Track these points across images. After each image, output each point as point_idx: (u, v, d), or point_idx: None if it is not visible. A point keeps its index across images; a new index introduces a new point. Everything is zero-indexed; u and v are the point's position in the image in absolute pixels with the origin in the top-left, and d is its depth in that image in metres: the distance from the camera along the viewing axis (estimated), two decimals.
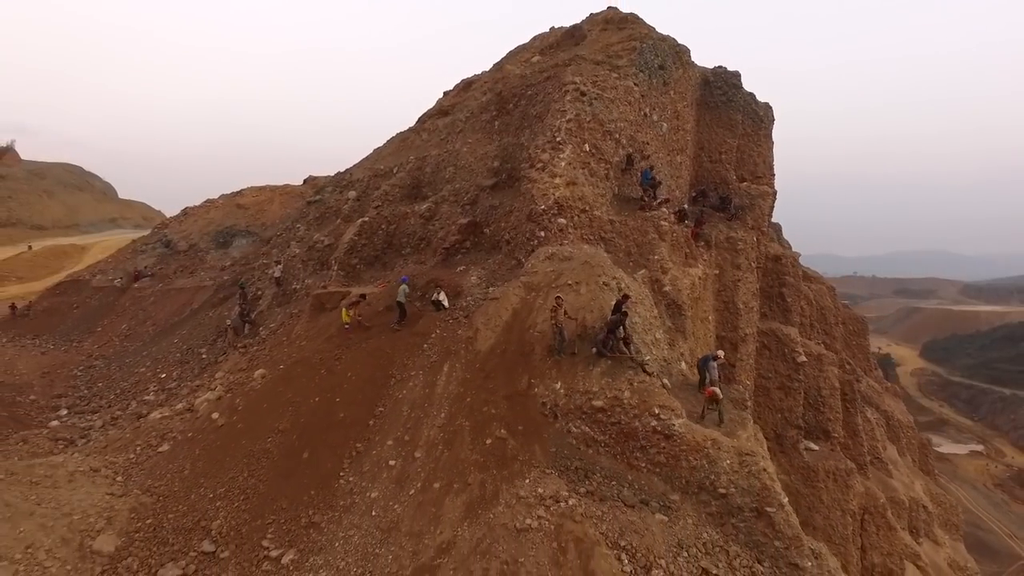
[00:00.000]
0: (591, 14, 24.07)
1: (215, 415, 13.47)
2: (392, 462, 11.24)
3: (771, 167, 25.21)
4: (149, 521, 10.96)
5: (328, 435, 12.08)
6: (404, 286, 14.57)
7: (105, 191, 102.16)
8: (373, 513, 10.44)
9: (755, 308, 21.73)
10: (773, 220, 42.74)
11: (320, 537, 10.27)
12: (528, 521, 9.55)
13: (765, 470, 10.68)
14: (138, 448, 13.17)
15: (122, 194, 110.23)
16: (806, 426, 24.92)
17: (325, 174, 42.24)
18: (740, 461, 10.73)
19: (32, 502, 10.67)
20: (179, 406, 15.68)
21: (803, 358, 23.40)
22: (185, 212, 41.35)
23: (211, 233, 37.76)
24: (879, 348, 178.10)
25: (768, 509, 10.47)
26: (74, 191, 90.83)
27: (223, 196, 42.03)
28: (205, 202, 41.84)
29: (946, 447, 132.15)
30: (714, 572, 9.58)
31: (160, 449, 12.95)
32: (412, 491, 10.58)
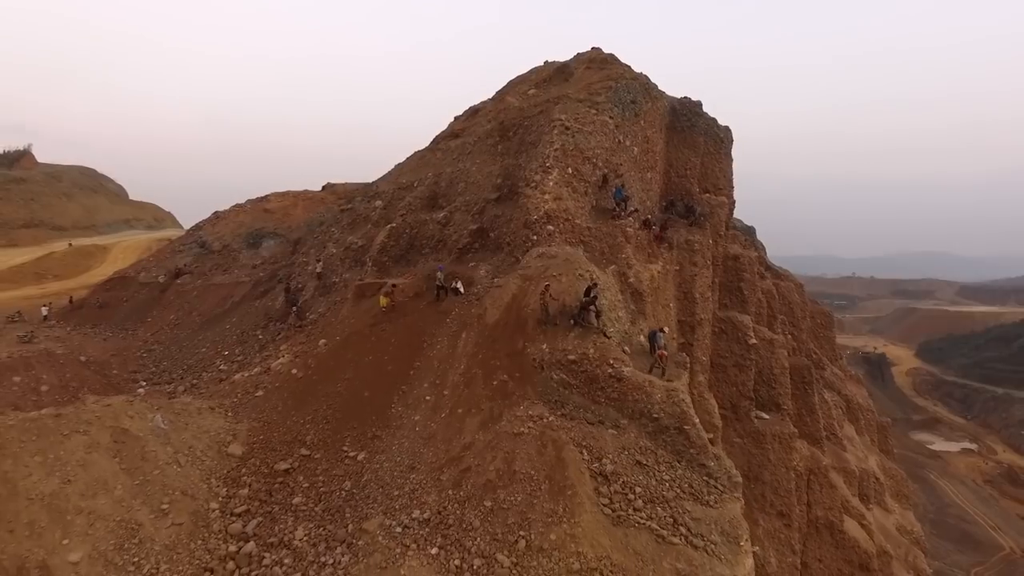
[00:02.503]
0: (578, 53, 29.30)
1: (294, 371, 18.70)
2: (428, 397, 16.46)
3: (730, 180, 30.43)
4: (261, 437, 16.18)
5: (381, 381, 17.29)
6: (440, 273, 19.86)
7: (118, 193, 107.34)
8: (417, 429, 15.66)
9: (710, 298, 26.88)
10: (748, 224, 48.14)
11: (381, 444, 15.48)
12: (521, 429, 14.72)
13: (684, 400, 15.85)
14: (238, 395, 18.36)
15: (131, 195, 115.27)
16: (759, 399, 30.09)
17: (342, 181, 47.51)
18: (668, 395, 15.88)
19: (182, 423, 15.89)
20: (256, 370, 20.89)
21: (754, 341, 28.59)
22: (217, 216, 46.55)
23: (242, 235, 42.94)
24: (874, 348, 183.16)
25: (686, 427, 15.61)
26: (90, 193, 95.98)
27: (250, 201, 47.28)
28: (234, 207, 47.06)
29: (938, 445, 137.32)
30: (644, 463, 14.75)
31: (256, 395, 18.16)
32: (443, 415, 15.79)
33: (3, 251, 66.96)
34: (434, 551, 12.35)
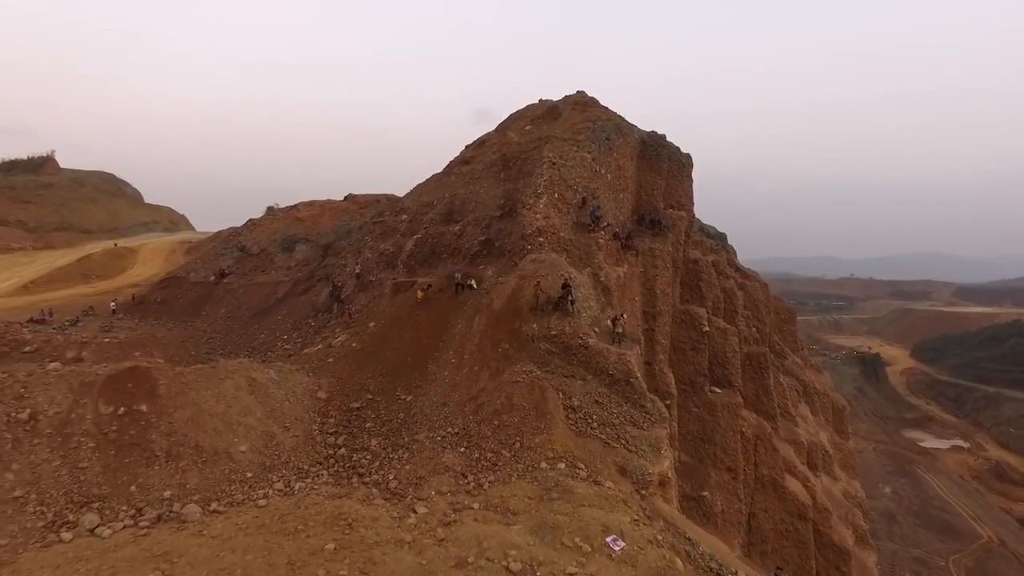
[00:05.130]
0: (566, 96, 37.13)
1: (353, 344, 26.47)
2: (453, 360, 24.24)
3: (691, 197, 38.25)
4: (337, 387, 23.97)
5: (418, 350, 25.08)
6: (457, 273, 27.69)
7: (134, 196, 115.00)
8: (446, 381, 23.42)
9: (670, 294, 34.65)
10: (720, 230, 55.97)
11: (422, 390, 23.27)
12: (518, 379, 22.38)
13: (630, 362, 23.54)
14: (314, 362, 26.13)
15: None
16: (713, 377, 37.82)
17: (362, 192, 55.29)
18: (619, 357, 23.55)
19: (284, 377, 23.64)
20: (319, 346, 28.65)
21: (707, 328, 36.36)
22: (252, 223, 54.35)
23: (277, 240, 50.69)
24: (869, 348, 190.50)
25: (631, 380, 23.29)
26: (111, 197, 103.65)
27: (282, 210, 55.10)
28: (266, 215, 54.86)
29: (930, 442, 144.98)
30: (601, 402, 22.41)
31: (327, 361, 25.93)
32: (464, 371, 23.55)
33: (43, 253, 74.78)
34: (461, 450, 20.08)
